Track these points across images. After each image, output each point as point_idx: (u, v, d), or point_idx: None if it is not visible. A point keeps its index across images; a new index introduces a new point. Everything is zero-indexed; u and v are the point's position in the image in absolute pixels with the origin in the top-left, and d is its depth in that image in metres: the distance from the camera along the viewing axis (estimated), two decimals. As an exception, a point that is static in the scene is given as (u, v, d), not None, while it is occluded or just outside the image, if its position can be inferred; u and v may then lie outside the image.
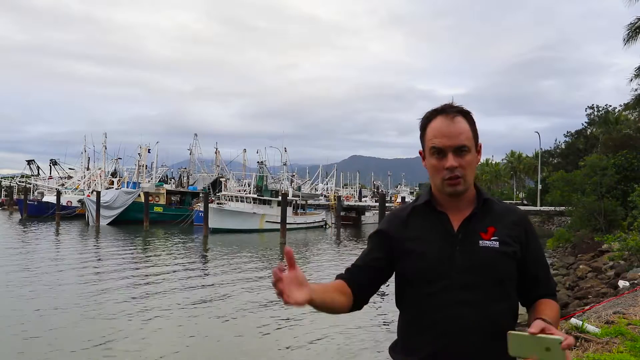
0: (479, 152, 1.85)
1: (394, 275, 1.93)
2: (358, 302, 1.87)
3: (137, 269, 22.04)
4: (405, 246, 1.83)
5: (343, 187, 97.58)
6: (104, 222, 47.25)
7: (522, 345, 1.53)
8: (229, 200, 46.66)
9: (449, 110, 1.81)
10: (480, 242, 1.78)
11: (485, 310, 1.72)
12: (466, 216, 1.82)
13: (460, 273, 1.75)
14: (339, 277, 1.89)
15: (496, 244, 1.77)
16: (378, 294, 2.01)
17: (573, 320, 6.35)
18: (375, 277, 1.89)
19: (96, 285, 17.40)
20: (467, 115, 1.82)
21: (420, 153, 1.89)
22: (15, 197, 72.41)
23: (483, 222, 1.81)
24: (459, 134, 1.77)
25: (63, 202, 52.74)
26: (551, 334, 1.51)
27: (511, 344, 1.55)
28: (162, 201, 54.10)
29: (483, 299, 1.74)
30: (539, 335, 1.49)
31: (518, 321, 1.85)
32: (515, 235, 1.82)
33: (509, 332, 1.56)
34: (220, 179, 59.92)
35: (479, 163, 1.96)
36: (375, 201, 63.45)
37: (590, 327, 6.13)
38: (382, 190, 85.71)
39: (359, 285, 1.86)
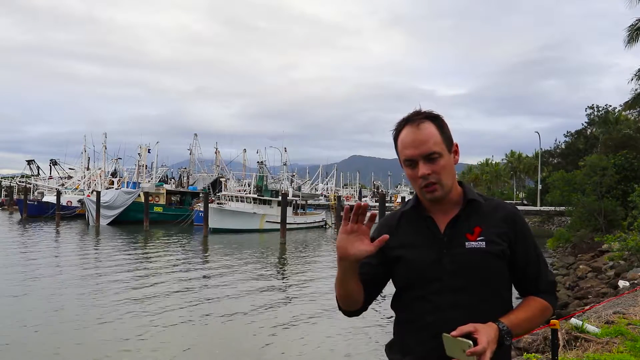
0: (455, 152, 1.86)
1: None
2: (365, 303, 1.91)
3: (137, 269, 22.02)
4: (396, 253, 1.86)
5: (343, 187, 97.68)
6: (104, 222, 47.24)
7: (450, 346, 1.63)
8: (229, 200, 46.65)
9: (415, 118, 1.81)
10: (467, 243, 1.78)
11: (477, 311, 1.73)
12: (451, 218, 1.83)
13: (450, 275, 1.77)
14: None
15: (482, 245, 1.78)
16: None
17: (573, 320, 6.35)
18: (375, 284, 1.92)
19: (96, 285, 17.39)
20: (435, 119, 1.81)
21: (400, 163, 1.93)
22: (15, 197, 72.37)
23: (469, 222, 1.82)
24: (425, 142, 1.77)
25: (63, 202, 52.73)
26: (476, 337, 1.60)
27: (445, 345, 1.64)
28: (162, 201, 54.06)
29: (474, 300, 1.76)
30: (457, 338, 1.60)
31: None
32: (503, 232, 1.81)
33: (443, 334, 1.64)
34: (220, 179, 59.98)
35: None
36: (376, 201, 63.46)
37: (590, 327, 6.13)
38: (382, 190, 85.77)
39: (367, 287, 1.88)
